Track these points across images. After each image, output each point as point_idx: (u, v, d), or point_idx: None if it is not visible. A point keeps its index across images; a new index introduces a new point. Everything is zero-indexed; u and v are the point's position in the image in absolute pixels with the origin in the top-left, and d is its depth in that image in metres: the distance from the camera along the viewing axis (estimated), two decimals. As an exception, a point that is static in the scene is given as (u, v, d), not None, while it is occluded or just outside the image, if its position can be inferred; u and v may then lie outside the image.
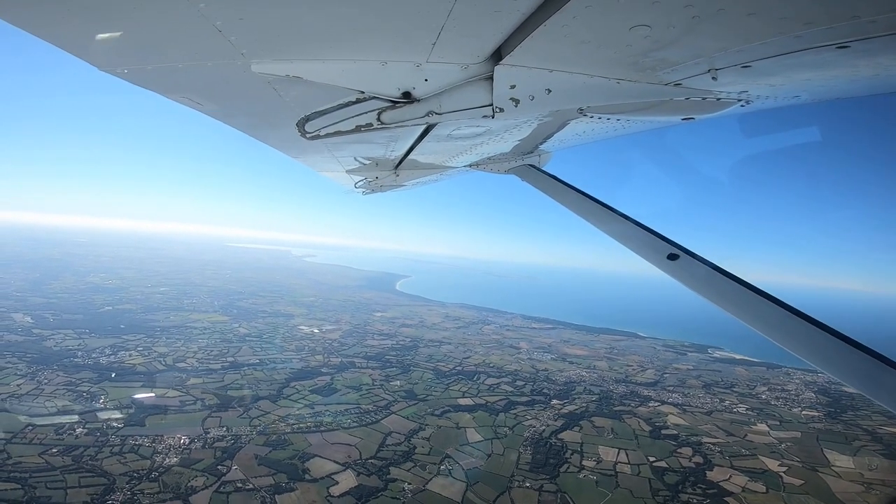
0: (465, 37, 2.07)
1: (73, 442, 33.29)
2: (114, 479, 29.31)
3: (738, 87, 2.48)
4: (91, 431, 35.02)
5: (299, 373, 53.57)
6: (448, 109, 2.77)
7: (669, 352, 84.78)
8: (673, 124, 3.32)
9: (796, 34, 1.68)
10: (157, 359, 53.60)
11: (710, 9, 1.60)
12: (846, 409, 51.37)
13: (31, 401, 38.91)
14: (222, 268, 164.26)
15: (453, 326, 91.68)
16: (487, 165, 5.68)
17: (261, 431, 37.88)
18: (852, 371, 2.20)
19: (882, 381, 2.10)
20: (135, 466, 30.98)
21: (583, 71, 2.32)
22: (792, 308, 2.47)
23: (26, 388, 41.34)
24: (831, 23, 1.58)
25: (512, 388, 54.22)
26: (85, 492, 27.84)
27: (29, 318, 63.88)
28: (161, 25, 1.94)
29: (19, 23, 1.79)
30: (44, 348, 52.51)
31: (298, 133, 3.49)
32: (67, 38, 2.03)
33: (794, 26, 1.64)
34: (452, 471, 34.38)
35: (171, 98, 2.85)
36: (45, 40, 1.94)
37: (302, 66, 2.37)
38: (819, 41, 1.72)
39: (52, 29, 1.93)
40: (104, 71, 2.29)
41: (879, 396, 2.12)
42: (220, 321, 75.87)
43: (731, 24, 1.72)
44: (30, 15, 1.80)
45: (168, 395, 43.58)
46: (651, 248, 3.31)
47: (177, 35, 2.05)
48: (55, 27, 1.93)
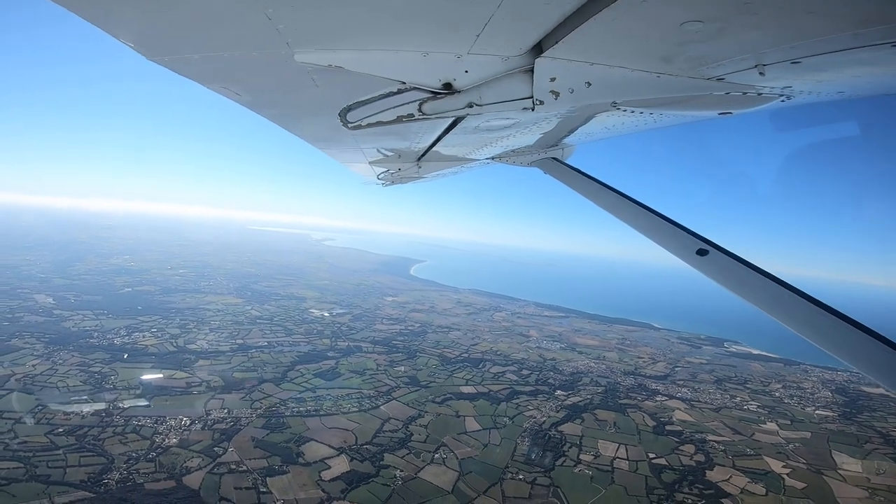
0: (511, 29, 2.06)
1: (79, 422, 34.34)
2: (113, 458, 30.21)
3: (782, 83, 2.43)
4: (97, 412, 36.10)
5: (305, 356, 54.30)
6: (488, 101, 2.77)
7: (684, 344, 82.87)
8: (708, 118, 3.26)
9: (854, 32, 1.68)
10: (168, 340, 55.05)
11: (770, 7, 1.60)
12: (862, 409, 49.37)
13: (45, 381, 40.41)
14: (241, 251, 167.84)
15: (464, 312, 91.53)
16: (510, 158, 5.61)
17: (260, 414, 38.58)
18: (888, 370, 2.09)
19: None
20: (134, 447, 31.84)
21: (624, 65, 2.30)
22: (825, 305, 2.40)
23: (41, 368, 42.90)
24: (891, 22, 1.57)
25: (517, 378, 53.81)
26: (83, 471, 28.73)
27: (51, 300, 66.33)
28: (213, 13, 1.96)
29: (73, 6, 1.79)
30: (62, 329, 54.46)
31: (340, 123, 3.53)
32: (119, 24, 2.05)
33: (853, 25, 1.64)
34: (446, 459, 34.37)
35: (209, 87, 2.85)
36: (98, 26, 1.95)
37: (344, 56, 2.38)
38: (876, 39, 1.71)
39: (104, 15, 1.94)
40: (151, 60, 2.31)
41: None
42: (233, 303, 77.44)
43: (789, 21, 1.72)
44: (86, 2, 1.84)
45: (175, 377, 44.71)
46: (679, 244, 3.23)
47: (228, 23, 2.06)
48: (107, 13, 1.94)
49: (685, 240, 3.21)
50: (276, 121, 3.97)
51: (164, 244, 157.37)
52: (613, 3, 1.65)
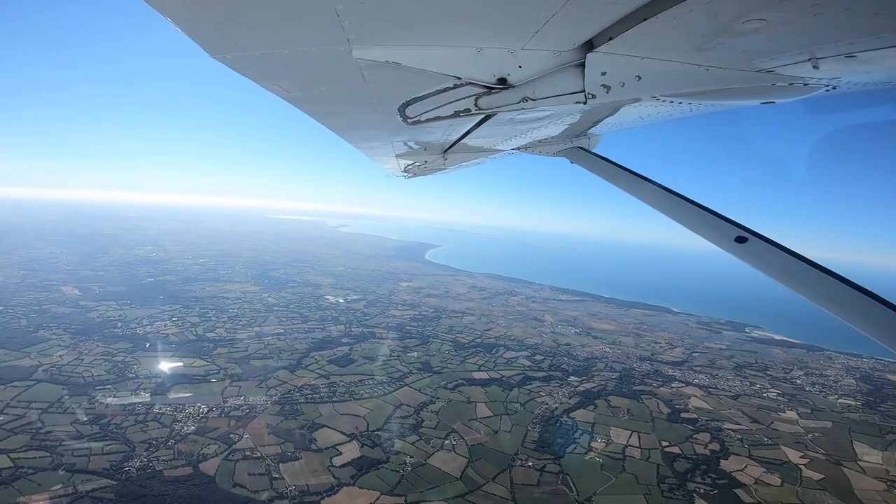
0: (569, 26, 2.08)
1: (103, 411, 35.72)
2: (134, 446, 31.40)
3: (832, 74, 2.41)
4: (120, 401, 37.47)
5: (320, 343, 55.20)
6: (542, 95, 2.81)
7: (703, 329, 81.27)
8: (750, 107, 3.20)
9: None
10: (189, 328, 56.65)
11: (838, 7, 1.61)
12: (887, 398, 47.82)
13: (71, 371, 42.11)
14: (259, 239, 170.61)
15: (478, 297, 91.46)
16: (537, 148, 5.61)
17: (275, 401, 39.45)
18: None
19: None
20: (155, 435, 33.02)
21: (676, 59, 2.32)
22: (869, 291, 2.38)
23: (67, 358, 44.78)
24: None
25: (530, 363, 53.71)
26: (106, 459, 29.91)
27: (77, 291, 68.79)
28: (284, 10, 1.95)
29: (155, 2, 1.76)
30: (87, 319, 56.53)
31: (399, 118, 3.61)
32: (190, 20, 2.04)
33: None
34: (456, 446, 34.65)
35: (263, 85, 2.88)
36: (171, 20, 1.92)
37: (400, 52, 2.40)
38: None
39: (179, 10, 1.92)
40: (214, 57, 2.31)
41: None
42: (251, 291, 79.03)
43: (854, 21, 1.73)
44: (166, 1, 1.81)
45: (195, 365, 46.05)
46: (717, 231, 3.20)
47: (297, 19, 2.06)
48: (184, 8, 1.92)
49: (723, 227, 3.18)
50: (318, 117, 4.02)
51: (185, 234, 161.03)
52: (679, 4, 1.69)
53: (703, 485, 31.34)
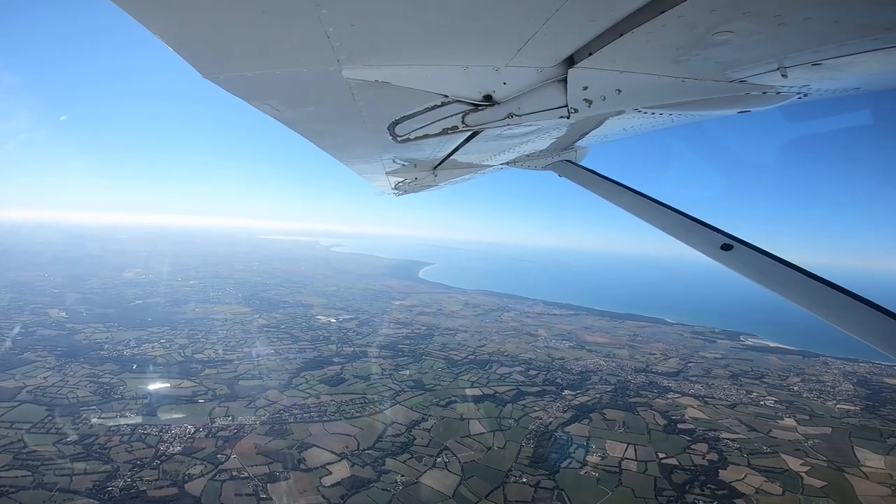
0: (551, 43, 2.13)
1: (87, 431, 34.91)
2: (118, 466, 30.59)
3: (801, 82, 2.52)
4: (104, 421, 36.56)
5: (311, 362, 54.28)
6: (527, 111, 2.86)
7: (697, 339, 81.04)
8: (727, 117, 3.37)
9: (874, 37, 1.79)
10: (177, 350, 55.58)
11: (798, 17, 1.70)
12: (886, 402, 47.54)
13: (55, 392, 41.12)
14: (251, 260, 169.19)
15: (472, 314, 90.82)
16: (525, 162, 5.65)
17: (264, 421, 38.51)
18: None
19: None
20: (139, 455, 32.19)
21: (653, 72, 2.39)
22: (853, 293, 2.41)
23: (52, 379, 43.73)
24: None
25: (524, 378, 53.02)
26: (89, 479, 29.13)
27: (63, 314, 67.54)
28: (275, 31, 1.97)
29: (147, 21, 1.77)
30: (74, 342, 55.38)
31: (389, 136, 3.63)
32: (183, 41, 2.05)
33: (875, 31, 1.75)
34: (449, 464, 33.82)
35: (254, 105, 2.91)
36: (164, 41, 1.92)
37: (388, 72, 2.44)
38: (894, 42, 1.81)
39: (173, 32, 1.94)
40: (206, 77, 2.32)
41: None
42: (241, 312, 77.94)
43: (815, 30, 1.81)
44: (160, 22, 1.84)
45: (182, 386, 45.07)
46: (702, 240, 3.25)
47: (288, 41, 2.08)
48: (177, 30, 1.94)
49: (708, 236, 3.23)
50: (309, 136, 4.10)
51: (176, 255, 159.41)
52: (654, 19, 1.75)
53: (702, 496, 30.71)
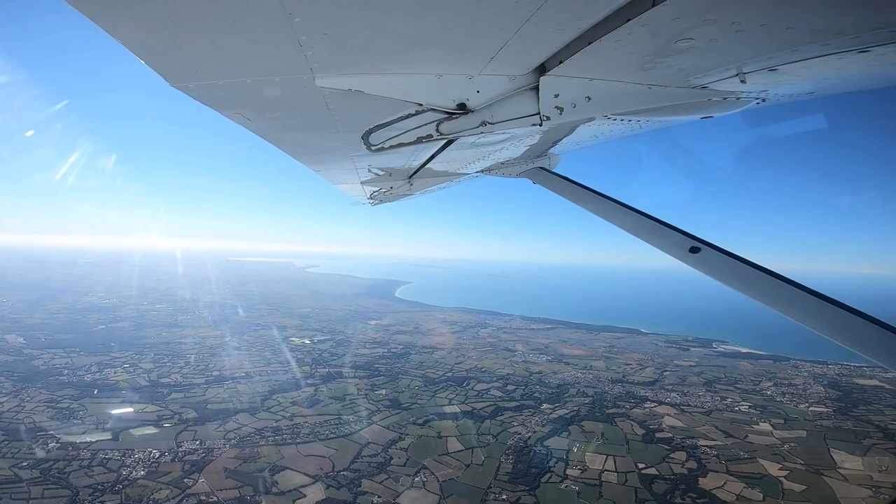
0: (522, 51, 2.17)
1: (45, 456, 33.10)
2: (77, 491, 29.03)
3: (759, 87, 2.60)
4: (63, 445, 34.70)
5: (283, 384, 52.52)
6: (500, 119, 2.88)
7: (672, 348, 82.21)
8: (691, 122, 3.43)
9: (825, 42, 1.89)
10: (141, 374, 53.09)
11: (754, 24, 1.78)
12: (857, 403, 48.70)
13: (11, 417, 38.85)
14: (222, 282, 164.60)
15: (449, 331, 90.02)
16: (500, 170, 5.68)
17: (234, 445, 36.78)
18: (888, 352, 2.20)
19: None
20: (100, 479, 30.52)
21: (620, 79, 2.46)
22: (817, 292, 2.49)
23: (8, 405, 41.31)
24: (857, 33, 1.81)
25: (501, 394, 52.47)
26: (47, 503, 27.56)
27: (21, 339, 64.03)
28: (246, 39, 1.93)
29: (107, 25, 1.71)
30: (31, 367, 52.50)
31: (363, 146, 3.62)
32: (148, 48, 1.98)
33: (826, 37, 1.85)
34: (427, 483, 32.86)
35: (224, 114, 2.83)
36: (127, 46, 1.86)
37: (362, 80, 2.42)
38: (845, 47, 1.92)
39: (135, 38, 1.88)
40: (174, 86, 2.27)
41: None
42: (210, 335, 75.24)
43: (770, 36, 1.89)
44: (125, 29, 1.80)
45: (146, 410, 42.90)
46: (672, 243, 3.31)
47: (260, 49, 2.04)
48: (139, 36, 1.88)
49: (677, 239, 3.29)
50: (281, 145, 4.01)
51: (142, 279, 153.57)
52: (621, 27, 1.80)
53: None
